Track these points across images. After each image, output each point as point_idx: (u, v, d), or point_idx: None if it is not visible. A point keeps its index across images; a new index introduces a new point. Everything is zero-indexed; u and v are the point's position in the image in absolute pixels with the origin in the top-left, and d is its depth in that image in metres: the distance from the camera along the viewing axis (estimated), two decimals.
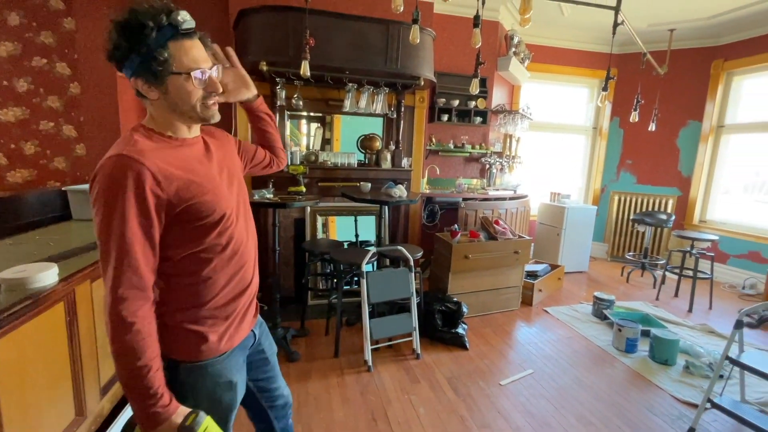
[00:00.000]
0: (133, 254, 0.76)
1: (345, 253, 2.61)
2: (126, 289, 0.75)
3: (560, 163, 5.15)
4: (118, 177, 0.74)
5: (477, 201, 3.68)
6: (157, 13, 0.76)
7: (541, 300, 3.56)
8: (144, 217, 0.77)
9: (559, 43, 4.66)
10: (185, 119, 0.87)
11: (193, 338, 0.88)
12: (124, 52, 0.77)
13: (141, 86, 0.80)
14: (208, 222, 0.86)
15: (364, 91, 2.99)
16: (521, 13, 1.61)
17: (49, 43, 3.09)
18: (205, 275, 0.88)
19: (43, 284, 1.05)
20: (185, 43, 0.80)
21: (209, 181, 0.88)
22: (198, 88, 0.83)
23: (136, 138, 0.80)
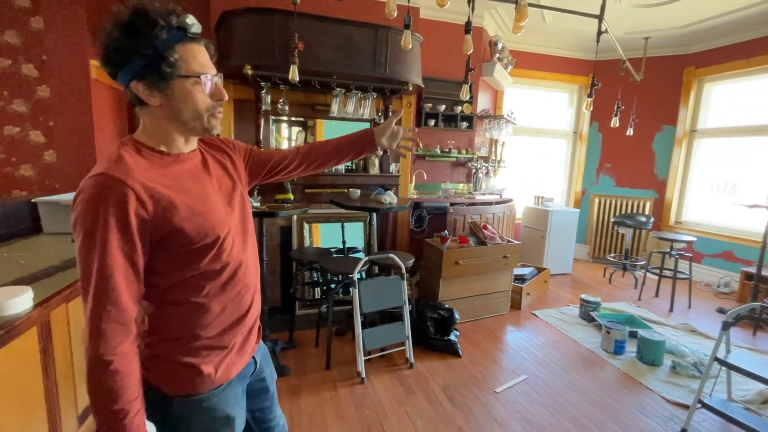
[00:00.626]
0: (114, 285, 0.69)
1: (336, 262, 2.54)
2: (105, 323, 0.68)
3: (542, 166, 5.24)
4: (98, 198, 0.67)
5: (464, 206, 3.68)
6: (166, 14, 0.71)
7: (529, 303, 3.59)
8: (127, 243, 0.70)
9: (541, 50, 4.75)
10: (185, 130, 0.81)
11: (186, 371, 0.80)
12: (125, 54, 0.70)
13: (142, 91, 0.73)
14: (200, 246, 0.79)
15: (351, 95, 2.94)
16: (517, 20, 1.61)
17: (14, 43, 2.90)
18: (198, 303, 0.81)
19: (16, 311, 0.95)
20: (193, 47, 0.76)
21: (203, 202, 0.81)
22: (206, 95, 0.78)
23: (122, 153, 0.73)
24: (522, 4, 1.58)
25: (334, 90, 2.87)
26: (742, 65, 4.03)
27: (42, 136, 3.03)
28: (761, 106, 4.03)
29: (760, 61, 3.87)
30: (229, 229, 0.86)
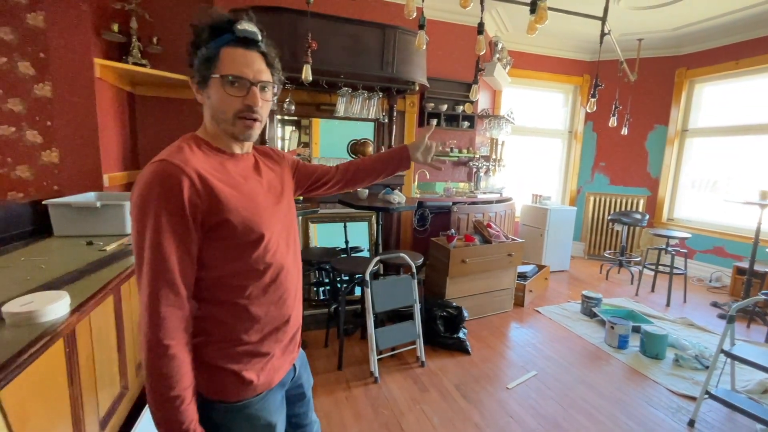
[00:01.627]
0: (171, 268, 0.71)
1: (347, 262, 2.54)
2: (165, 307, 0.70)
3: (538, 165, 5.32)
4: (156, 183, 0.70)
5: (466, 204, 3.71)
6: (219, 19, 0.77)
7: (531, 300, 3.64)
8: (182, 227, 0.72)
9: (537, 50, 4.82)
10: (221, 131, 0.83)
11: (228, 377, 0.81)
12: (191, 55, 0.79)
13: (194, 88, 0.81)
14: (245, 241, 0.80)
15: (357, 95, 2.94)
16: (536, 21, 1.63)
17: (9, 40, 2.81)
18: (240, 305, 0.81)
19: (55, 317, 0.93)
20: (237, 50, 0.78)
21: (251, 199, 0.83)
22: (234, 97, 0.78)
23: (182, 145, 0.78)
24: (542, 6, 1.60)
25: (341, 89, 2.87)
26: (732, 66, 4.16)
27: (39, 136, 2.95)
28: (750, 107, 4.17)
29: (748, 62, 4.00)
30: (274, 231, 0.87)
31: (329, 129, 3.46)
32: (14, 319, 0.87)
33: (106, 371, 1.55)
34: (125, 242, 1.73)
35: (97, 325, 1.47)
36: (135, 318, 1.89)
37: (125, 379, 1.74)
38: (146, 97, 3.03)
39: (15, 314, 0.87)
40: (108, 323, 1.57)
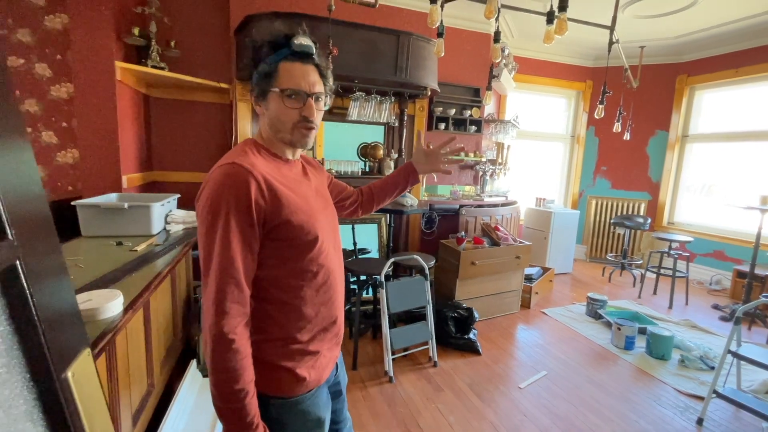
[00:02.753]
0: (237, 266, 0.75)
1: (361, 264, 2.59)
2: (230, 303, 0.74)
3: (542, 169, 5.40)
4: (228, 184, 0.75)
5: (473, 207, 3.77)
6: (277, 35, 0.81)
7: (537, 302, 3.70)
8: (249, 227, 0.77)
9: (541, 56, 4.90)
10: (279, 139, 0.88)
11: (284, 374, 0.85)
12: (250, 69, 0.83)
13: (253, 100, 0.86)
14: (302, 242, 0.85)
15: (370, 99, 2.99)
16: (556, 32, 1.69)
17: (27, 42, 2.84)
18: (294, 305, 0.86)
19: (112, 314, 0.97)
20: (295, 65, 0.83)
21: (307, 202, 0.88)
22: (292, 109, 0.83)
23: (246, 150, 0.83)
24: (561, 18, 1.66)
25: (354, 94, 2.92)
26: (732, 74, 4.25)
27: (55, 137, 2.98)
28: (749, 113, 4.27)
29: (748, 71, 4.10)
30: (326, 234, 0.91)
31: (337, 132, 3.50)
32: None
33: (136, 369, 1.59)
34: (153, 242, 1.77)
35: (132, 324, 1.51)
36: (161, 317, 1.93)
37: (151, 377, 1.77)
38: (161, 99, 3.06)
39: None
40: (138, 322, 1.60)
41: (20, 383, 0.43)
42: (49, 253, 0.50)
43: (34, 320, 0.44)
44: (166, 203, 2.10)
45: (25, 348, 0.44)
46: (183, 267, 2.46)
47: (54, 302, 0.48)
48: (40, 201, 0.49)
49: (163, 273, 1.40)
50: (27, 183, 0.48)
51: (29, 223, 0.46)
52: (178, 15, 2.93)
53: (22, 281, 0.43)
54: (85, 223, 1.76)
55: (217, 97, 3.13)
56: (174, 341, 2.19)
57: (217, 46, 3.07)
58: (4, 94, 0.47)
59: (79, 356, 0.51)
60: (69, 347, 0.50)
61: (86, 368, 0.52)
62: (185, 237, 1.98)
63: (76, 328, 0.53)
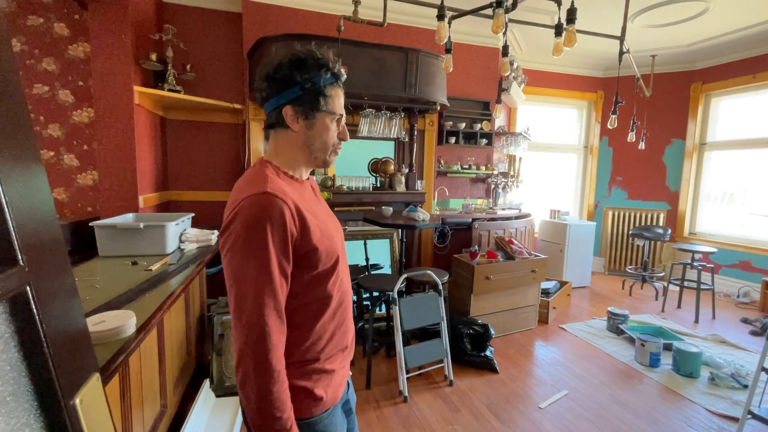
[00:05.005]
0: (279, 298, 0.75)
1: (375, 280, 2.56)
2: (274, 334, 0.73)
3: (554, 181, 5.33)
4: (266, 215, 0.73)
5: (486, 221, 3.72)
6: (331, 60, 0.84)
7: (555, 317, 3.60)
8: (285, 257, 0.76)
9: (550, 68, 4.90)
10: (310, 159, 0.88)
11: (302, 394, 0.83)
12: (289, 82, 0.80)
13: (290, 115, 0.82)
14: (326, 268, 0.84)
15: (380, 115, 3.02)
16: (565, 44, 1.68)
17: (52, 70, 2.97)
18: (315, 329, 0.85)
19: (125, 335, 0.97)
20: (338, 90, 0.87)
21: (326, 225, 0.88)
22: (335, 131, 0.87)
23: (270, 175, 0.80)
24: (570, 30, 1.66)
25: (365, 110, 2.95)
26: (749, 80, 4.17)
27: (75, 160, 3.08)
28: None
29: (766, 76, 4.01)
30: (342, 256, 0.91)
31: (348, 148, 3.53)
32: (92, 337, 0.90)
33: (149, 389, 1.58)
34: (167, 262, 1.78)
35: (145, 344, 1.51)
36: (174, 336, 1.93)
37: (164, 397, 1.76)
38: (176, 121, 3.15)
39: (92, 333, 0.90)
40: (152, 343, 1.61)
41: (27, 411, 0.42)
42: (59, 278, 0.50)
43: (43, 347, 0.44)
44: (181, 222, 2.13)
45: (33, 375, 0.43)
46: (197, 285, 2.48)
47: (64, 327, 0.48)
48: (53, 226, 0.50)
49: (177, 292, 1.40)
50: (40, 208, 0.48)
51: (41, 249, 0.46)
52: (194, 40, 3.04)
53: (32, 307, 0.43)
54: (102, 244, 1.80)
55: (231, 118, 3.21)
56: (188, 360, 2.19)
57: (231, 68, 3.16)
58: (21, 122, 0.48)
59: (87, 382, 0.51)
60: (78, 373, 0.50)
61: (95, 394, 0.52)
62: (199, 255, 2.00)
63: (85, 353, 0.52)
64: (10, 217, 0.42)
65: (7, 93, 0.46)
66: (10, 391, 0.41)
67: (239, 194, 0.77)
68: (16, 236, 0.42)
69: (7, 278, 0.40)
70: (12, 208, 0.42)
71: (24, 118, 0.48)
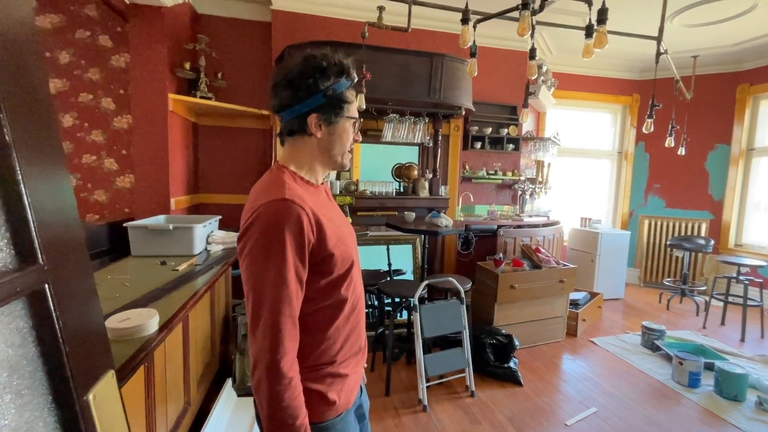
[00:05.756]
0: (293, 304, 0.74)
1: (394, 286, 2.54)
2: (287, 342, 0.73)
3: (586, 187, 5.13)
4: (284, 222, 0.73)
5: (512, 228, 3.63)
6: (349, 66, 0.84)
7: (585, 330, 3.44)
8: (302, 263, 0.76)
9: (582, 71, 4.74)
10: (328, 162, 0.88)
11: (315, 398, 0.83)
12: (311, 90, 0.80)
13: (314, 123, 0.82)
14: (341, 274, 0.84)
15: (404, 121, 3.01)
16: (595, 46, 1.62)
17: (96, 80, 3.16)
18: (329, 333, 0.84)
19: (148, 333, 1.00)
20: (355, 94, 0.88)
21: (341, 229, 0.87)
22: (352, 135, 0.88)
23: (287, 181, 0.80)
24: (601, 31, 1.60)
25: (389, 116, 2.95)
26: None
27: (115, 164, 3.26)
28: None
29: None
30: (356, 260, 0.91)
31: (373, 153, 3.56)
32: (115, 334, 0.94)
33: (173, 386, 1.63)
34: (193, 262, 1.84)
35: (170, 342, 1.56)
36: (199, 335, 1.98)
37: (188, 394, 1.81)
38: (208, 127, 3.28)
39: (115, 330, 0.94)
40: (177, 341, 1.66)
41: (41, 405, 0.44)
42: (79, 278, 0.52)
43: (59, 343, 0.46)
44: (208, 224, 2.20)
45: (48, 370, 0.45)
46: (222, 286, 2.55)
47: (80, 325, 0.50)
48: (74, 228, 0.52)
49: (200, 292, 1.44)
50: (63, 211, 0.51)
51: (61, 248, 0.48)
52: (225, 49, 3.16)
53: (49, 305, 0.45)
54: (134, 244, 1.88)
55: (259, 123, 3.30)
56: (212, 359, 2.25)
57: (260, 75, 3.26)
58: (48, 127, 0.50)
59: (102, 378, 0.52)
60: (92, 370, 0.51)
61: (109, 391, 0.53)
62: (224, 257, 2.05)
63: (101, 351, 0.54)
64: (32, 218, 0.44)
65: (39, 103, 0.48)
66: (26, 385, 0.42)
67: (257, 200, 0.77)
68: (37, 236, 0.44)
69: (26, 275, 0.42)
70: (35, 209, 0.44)
71: (52, 127, 0.51)
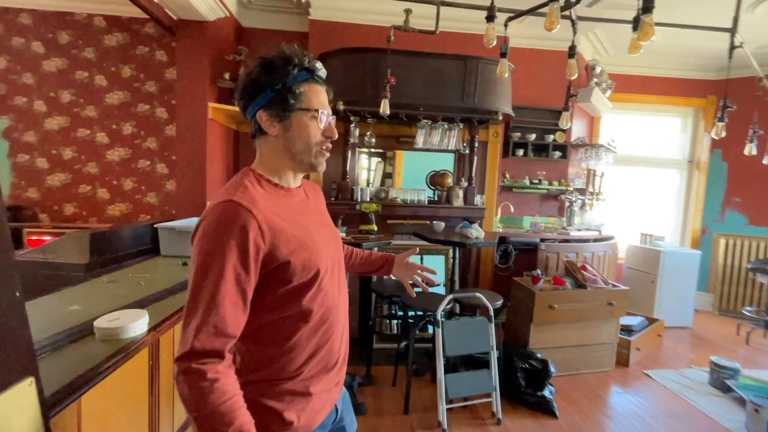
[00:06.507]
0: (223, 309, 0.68)
1: (418, 298, 2.43)
2: (204, 344, 0.66)
3: (648, 200, 4.62)
4: (224, 224, 0.69)
5: (557, 242, 3.34)
6: (300, 54, 0.80)
7: (638, 360, 3.05)
8: (243, 271, 0.70)
9: (645, 71, 4.29)
10: (295, 163, 0.83)
11: (268, 416, 0.77)
12: (259, 86, 0.78)
13: (265, 120, 0.79)
14: (302, 283, 0.78)
15: (437, 127, 2.91)
16: (639, 39, 1.42)
17: (152, 91, 3.44)
18: (288, 346, 0.78)
19: (134, 334, 1.01)
20: (316, 87, 0.82)
21: (309, 235, 0.81)
22: (319, 129, 0.82)
23: (246, 184, 0.77)
24: (647, 21, 1.39)
25: (420, 122, 2.87)
26: None
27: (165, 169, 3.51)
28: None
29: None
30: (327, 268, 0.84)
31: (411, 160, 3.49)
32: (102, 333, 0.96)
33: None
34: None
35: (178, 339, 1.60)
36: None
37: None
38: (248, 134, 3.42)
39: (102, 329, 0.96)
40: None
41: None
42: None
43: None
44: None
45: None
46: None
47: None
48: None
49: None
50: None
51: None
52: None
53: None
54: (163, 244, 1.98)
55: None
56: None
57: None
58: None
59: (13, 387, 0.50)
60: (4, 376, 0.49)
61: (21, 399, 0.51)
62: None
63: (17, 358, 0.52)
64: None
65: None
66: None
67: (211, 202, 0.76)
68: None
69: None
70: None
71: None
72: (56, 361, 0.87)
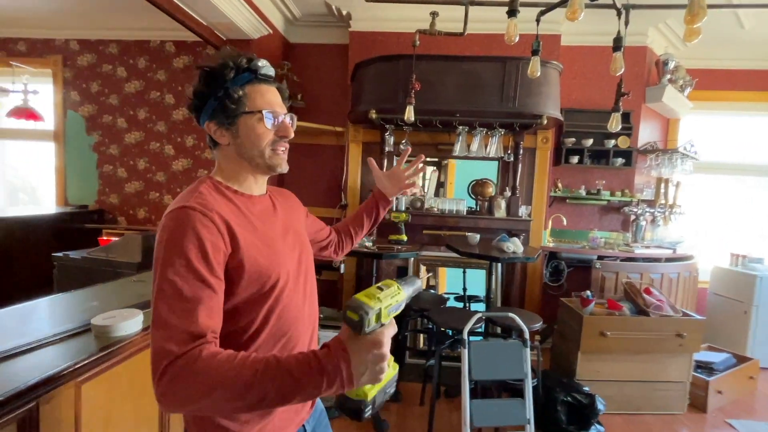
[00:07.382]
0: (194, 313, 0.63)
1: (445, 315, 2.29)
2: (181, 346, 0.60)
3: (741, 214, 3.92)
4: (179, 229, 0.67)
5: (618, 260, 2.96)
6: (237, 57, 0.77)
7: (721, 406, 2.55)
8: (207, 269, 0.66)
9: (734, 64, 3.68)
10: (252, 167, 0.81)
11: None
12: (203, 97, 0.77)
13: (214, 131, 0.79)
14: (259, 293, 0.74)
15: (476, 133, 2.76)
16: (688, 23, 1.19)
17: None
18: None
19: (126, 333, 1.06)
20: (261, 87, 0.79)
21: (269, 245, 0.78)
22: (269, 130, 0.79)
23: (201, 190, 0.75)
24: (696, 3, 1.16)
25: (457, 128, 2.75)
26: None
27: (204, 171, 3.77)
28: None
29: None
30: (290, 273, 0.81)
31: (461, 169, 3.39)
32: (97, 330, 1.02)
33: None
34: None
35: None
36: None
37: None
38: (292, 144, 3.56)
39: (97, 326, 1.02)
40: None
41: None
42: None
43: None
44: None
45: None
46: None
47: None
48: None
49: None
50: None
51: None
52: (307, 72, 3.42)
53: None
54: None
55: (335, 140, 3.45)
56: None
57: (339, 94, 3.41)
58: None
59: None
60: None
61: None
62: None
63: None
64: None
65: None
66: None
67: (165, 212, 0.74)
68: None
69: None
70: None
71: None
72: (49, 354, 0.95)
